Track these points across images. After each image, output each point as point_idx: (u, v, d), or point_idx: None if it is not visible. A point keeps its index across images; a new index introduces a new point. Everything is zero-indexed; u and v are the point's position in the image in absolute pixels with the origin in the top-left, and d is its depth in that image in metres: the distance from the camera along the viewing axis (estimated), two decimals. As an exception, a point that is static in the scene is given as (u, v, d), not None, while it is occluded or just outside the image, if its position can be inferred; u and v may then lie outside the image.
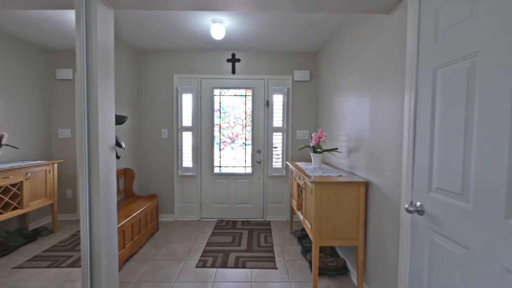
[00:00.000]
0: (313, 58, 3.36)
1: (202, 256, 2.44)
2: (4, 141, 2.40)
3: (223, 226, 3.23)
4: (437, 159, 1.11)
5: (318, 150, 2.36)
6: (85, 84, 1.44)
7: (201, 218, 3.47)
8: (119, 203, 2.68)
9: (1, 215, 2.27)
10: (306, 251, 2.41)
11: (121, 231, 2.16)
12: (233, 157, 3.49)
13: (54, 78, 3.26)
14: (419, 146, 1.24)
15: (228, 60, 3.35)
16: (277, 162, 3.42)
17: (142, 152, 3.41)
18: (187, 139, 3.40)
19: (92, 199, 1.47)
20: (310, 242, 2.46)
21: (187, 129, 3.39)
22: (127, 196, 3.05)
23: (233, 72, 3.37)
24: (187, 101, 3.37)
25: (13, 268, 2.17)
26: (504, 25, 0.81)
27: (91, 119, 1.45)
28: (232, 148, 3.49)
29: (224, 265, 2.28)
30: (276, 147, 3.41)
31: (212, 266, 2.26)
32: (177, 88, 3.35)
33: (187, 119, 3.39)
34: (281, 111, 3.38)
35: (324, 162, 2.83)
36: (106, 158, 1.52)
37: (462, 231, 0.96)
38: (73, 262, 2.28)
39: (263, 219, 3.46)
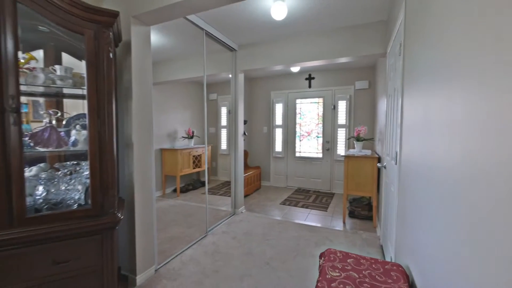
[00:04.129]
0: (372, 70, 4.36)
1: (284, 201, 4.17)
2: (195, 134, 4.98)
3: (300, 191, 4.84)
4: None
5: (359, 139, 3.55)
6: (234, 102, 3.43)
7: (287, 185, 5.20)
8: (240, 169, 4.80)
9: (195, 169, 4.82)
10: (351, 207, 3.67)
11: (244, 179, 4.20)
12: (309, 146, 5.01)
13: (208, 99, 5.85)
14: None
15: (306, 79, 4.88)
16: (340, 150, 4.66)
17: (252, 140, 5.50)
18: (278, 133, 5.21)
19: (236, 165, 3.45)
20: (354, 201, 3.68)
21: (278, 126, 5.20)
22: (244, 165, 5.19)
23: (309, 86, 4.86)
24: (278, 108, 5.17)
25: (202, 193, 4.64)
26: None
27: (236, 121, 3.43)
28: (308, 139, 5.01)
29: (295, 205, 3.92)
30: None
31: (288, 205, 3.95)
32: (272, 100, 5.20)
33: (278, 120, 5.18)
34: (344, 112, 4.58)
35: (368, 149, 3.91)
36: (240, 140, 3.48)
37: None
38: (222, 193, 4.54)
39: (329, 191, 4.81)
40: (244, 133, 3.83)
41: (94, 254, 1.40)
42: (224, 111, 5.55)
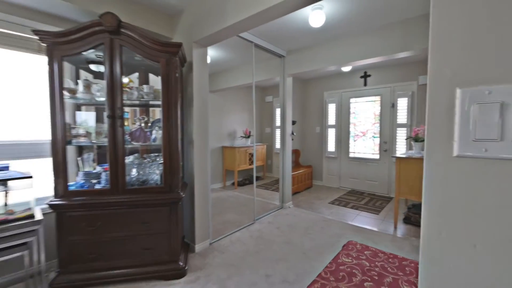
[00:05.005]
0: (440, 62, 3.88)
1: (333, 200, 4.18)
2: (251, 134, 5.49)
3: (353, 193, 4.70)
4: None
5: (417, 140, 3.28)
6: (283, 104, 3.70)
7: (340, 186, 5.12)
8: (292, 167, 5.02)
9: (250, 166, 5.32)
10: (408, 212, 3.41)
11: (293, 177, 4.41)
12: (364, 146, 4.80)
13: (264, 101, 6.27)
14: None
15: (361, 77, 4.70)
16: (401, 151, 4.31)
17: (304, 140, 5.63)
18: (331, 133, 5.18)
19: (284, 163, 3.72)
20: (414, 207, 3.41)
21: (331, 126, 5.17)
22: (295, 164, 5.39)
23: (365, 84, 4.67)
24: (331, 108, 5.14)
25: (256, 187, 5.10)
26: None
27: (285, 122, 3.69)
28: (363, 139, 4.81)
29: (344, 206, 3.89)
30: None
31: (337, 205, 3.95)
32: (325, 100, 5.21)
33: (331, 120, 5.15)
34: (405, 110, 4.21)
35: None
36: (288, 140, 3.72)
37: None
38: (273, 189, 4.87)
39: (387, 195, 4.50)
40: (292, 133, 4.05)
41: (165, 220, 1.94)
42: (278, 112, 5.86)
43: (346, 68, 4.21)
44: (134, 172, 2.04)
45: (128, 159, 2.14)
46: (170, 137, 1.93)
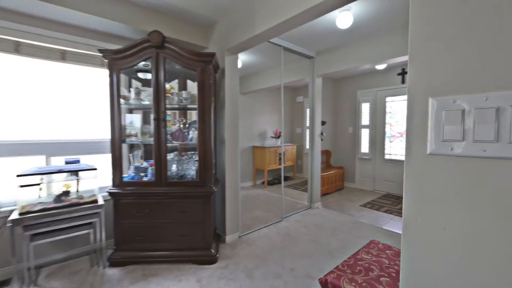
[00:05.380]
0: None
1: (365, 203, 4.07)
2: (281, 134, 5.61)
3: (389, 197, 4.49)
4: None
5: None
6: (312, 104, 3.75)
7: (374, 189, 4.93)
8: (323, 168, 4.99)
9: (280, 165, 5.43)
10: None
11: (323, 178, 4.40)
12: (401, 148, 4.55)
13: (295, 101, 6.32)
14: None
15: (398, 74, 4.47)
16: (443, 153, 4.00)
17: (335, 141, 5.54)
18: (364, 133, 5.01)
19: (313, 163, 3.76)
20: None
21: (365, 127, 5.00)
22: (326, 165, 5.33)
23: (402, 82, 4.43)
24: (365, 107, 4.97)
25: (284, 187, 5.20)
26: None
27: (313, 122, 3.73)
28: (401, 140, 4.56)
29: (377, 209, 3.76)
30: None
31: (369, 208, 3.84)
32: (358, 99, 5.06)
33: (365, 120, 4.99)
34: (449, 109, 3.90)
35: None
36: (317, 140, 3.74)
37: None
38: (303, 189, 4.91)
39: (427, 200, 4.21)
40: (322, 133, 4.05)
41: (199, 211, 2.18)
42: (309, 112, 5.86)
43: (381, 66, 4.06)
44: (174, 167, 2.32)
45: (169, 156, 2.43)
46: (204, 137, 2.16)
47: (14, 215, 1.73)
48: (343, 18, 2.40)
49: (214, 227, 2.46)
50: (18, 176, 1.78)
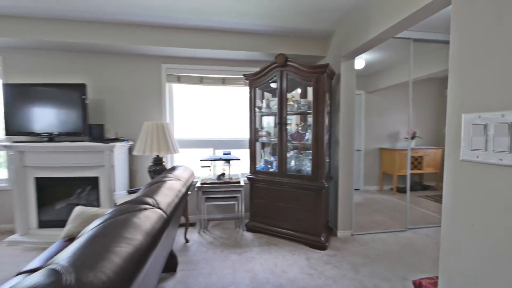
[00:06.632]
0: None
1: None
2: (416, 135, 4.81)
3: None
4: None
5: None
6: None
7: None
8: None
9: (413, 171, 4.69)
10: None
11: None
12: None
13: (441, 95, 5.13)
14: None
15: None
16: None
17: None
18: None
19: None
20: None
21: None
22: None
23: None
24: None
25: (418, 196, 4.47)
26: None
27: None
28: None
29: None
30: None
31: None
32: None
33: None
34: None
35: None
36: None
37: None
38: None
39: None
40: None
41: (311, 201, 2.53)
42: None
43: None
44: (292, 163, 2.81)
45: (290, 153, 2.94)
46: (317, 138, 2.47)
47: (198, 184, 2.85)
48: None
49: (326, 219, 2.72)
50: (200, 160, 2.90)
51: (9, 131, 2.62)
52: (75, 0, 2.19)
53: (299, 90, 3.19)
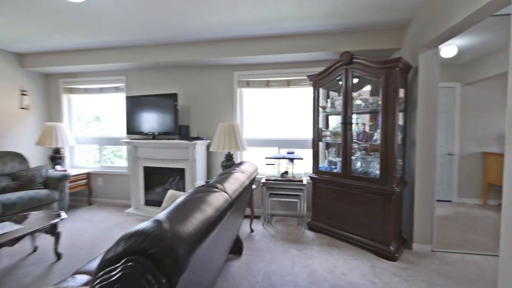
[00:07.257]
0: None
1: None
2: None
3: None
4: None
5: None
6: None
7: None
8: None
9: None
10: None
11: None
12: None
13: None
14: None
15: None
16: None
17: None
18: None
19: None
20: None
21: None
22: None
23: None
24: None
25: None
26: None
27: None
28: None
29: None
30: None
31: None
32: None
33: None
34: None
35: None
36: None
37: None
38: None
39: None
40: None
41: (379, 207, 2.35)
42: None
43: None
44: (358, 164, 2.67)
45: (356, 155, 2.80)
46: (387, 139, 2.28)
47: (263, 180, 3.06)
48: None
49: (397, 228, 2.46)
50: (266, 158, 3.12)
51: (128, 131, 3.53)
52: (168, 29, 2.79)
53: (369, 87, 2.99)
